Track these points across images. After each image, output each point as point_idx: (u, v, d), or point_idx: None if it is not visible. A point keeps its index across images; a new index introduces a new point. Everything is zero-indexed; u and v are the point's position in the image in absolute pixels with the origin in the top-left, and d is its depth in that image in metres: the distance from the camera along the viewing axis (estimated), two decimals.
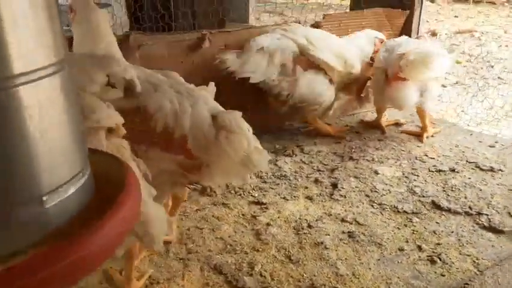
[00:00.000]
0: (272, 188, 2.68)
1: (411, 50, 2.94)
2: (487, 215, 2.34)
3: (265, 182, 2.74)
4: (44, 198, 0.88)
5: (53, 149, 0.90)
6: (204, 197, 2.58)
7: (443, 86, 6.04)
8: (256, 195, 2.60)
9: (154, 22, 3.99)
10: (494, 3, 12.49)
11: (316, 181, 2.74)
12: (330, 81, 3.12)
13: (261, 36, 3.11)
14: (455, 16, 10.47)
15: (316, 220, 2.36)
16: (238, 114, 1.85)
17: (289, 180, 2.76)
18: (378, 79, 3.14)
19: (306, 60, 3.06)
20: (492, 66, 7.08)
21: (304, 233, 2.25)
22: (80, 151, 1.00)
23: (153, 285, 1.92)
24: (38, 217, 0.89)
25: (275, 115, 3.44)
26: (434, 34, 8.68)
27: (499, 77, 6.40)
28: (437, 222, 2.32)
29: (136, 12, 4.17)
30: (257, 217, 2.39)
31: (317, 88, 3.08)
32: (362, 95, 3.71)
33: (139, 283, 1.92)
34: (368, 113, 3.78)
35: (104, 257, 0.95)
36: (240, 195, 2.60)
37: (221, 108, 1.93)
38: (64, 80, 0.93)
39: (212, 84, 2.10)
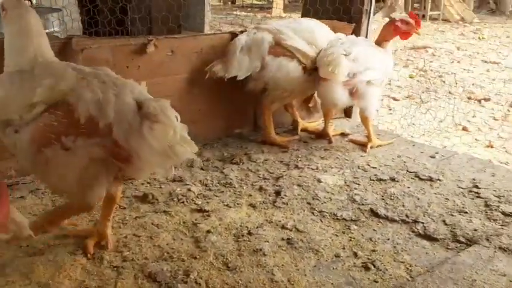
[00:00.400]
0: (216, 196, 2.66)
1: (327, 50, 3.06)
2: (423, 223, 2.40)
3: (210, 190, 2.73)
4: None
5: None
6: (145, 205, 2.54)
7: (395, 99, 6.24)
8: (199, 202, 2.58)
9: (112, 26, 3.93)
10: (449, 21, 13.01)
11: (260, 189, 2.75)
12: (304, 69, 3.18)
13: (240, 35, 3.22)
14: None
15: (257, 227, 2.36)
16: (165, 102, 1.84)
17: (234, 187, 2.76)
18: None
19: (281, 49, 3.16)
20: (444, 81, 7.35)
21: (244, 240, 2.25)
22: None
23: None
24: None
25: (224, 122, 3.44)
26: None
27: (449, 92, 6.65)
28: (374, 230, 2.36)
29: (94, 15, 4.11)
30: (198, 224, 2.37)
31: (287, 72, 3.15)
32: (310, 104, 3.77)
33: None
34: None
35: None
36: (183, 202, 2.58)
37: (149, 96, 1.92)
38: None
39: (143, 83, 2.10)
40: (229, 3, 14.51)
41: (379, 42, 3.29)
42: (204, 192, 2.69)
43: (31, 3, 3.82)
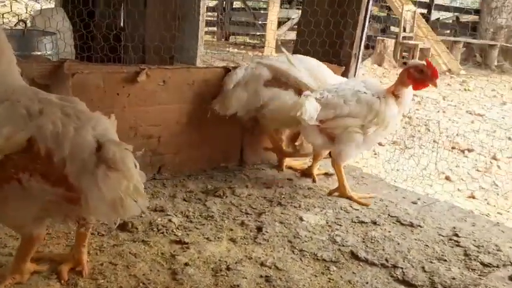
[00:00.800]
0: (197, 228, 2.64)
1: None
2: (402, 268, 2.40)
3: (191, 222, 2.70)
4: None
5: None
6: (124, 233, 2.51)
7: (380, 144, 6.31)
8: (179, 234, 2.55)
9: (104, 53, 3.97)
10: None
11: (242, 224, 2.73)
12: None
13: (236, 69, 3.28)
14: None
15: (236, 263, 2.33)
16: (126, 147, 1.75)
17: (216, 221, 2.74)
18: None
19: (276, 81, 3.22)
20: (428, 130, 7.47)
21: (222, 275, 2.22)
22: None
23: None
24: None
25: (210, 155, 3.45)
26: None
27: (434, 140, 6.75)
28: (353, 272, 2.35)
29: (88, 41, 4.15)
30: (176, 256, 2.33)
31: (281, 98, 3.19)
32: (296, 143, 3.80)
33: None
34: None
35: None
36: (163, 233, 2.55)
37: (112, 137, 1.83)
38: None
39: (113, 116, 2.02)
40: (223, 39, 14.73)
41: (393, 90, 3.04)
42: (184, 223, 2.67)
43: (25, 25, 3.86)
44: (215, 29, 15.20)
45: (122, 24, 4.97)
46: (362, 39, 3.99)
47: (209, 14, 15.73)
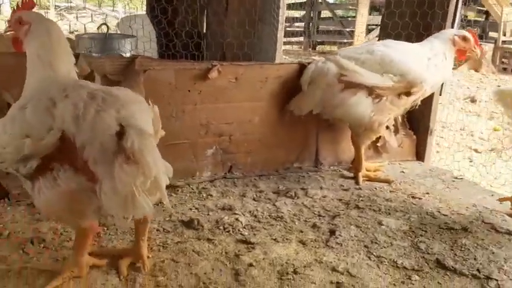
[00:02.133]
0: (265, 228, 2.49)
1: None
2: (497, 280, 2.06)
3: (259, 222, 2.56)
4: None
5: None
6: (189, 230, 2.42)
7: (477, 151, 5.78)
8: (246, 233, 2.41)
9: (187, 50, 4.00)
10: None
11: (314, 226, 2.54)
12: (376, 98, 2.95)
13: (308, 65, 3.10)
14: (498, 86, 10.22)
15: (304, 266, 2.14)
16: (148, 138, 1.58)
17: (285, 222, 2.57)
18: None
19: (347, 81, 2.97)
20: None
21: (288, 279, 2.04)
22: None
23: None
24: None
25: (283, 155, 3.29)
26: (473, 100, 8.45)
27: None
28: (439, 283, 2.06)
29: (172, 38, 4.21)
30: (240, 256, 2.19)
31: (351, 107, 2.96)
32: (378, 144, 3.53)
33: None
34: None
35: None
36: (229, 232, 2.42)
37: (137, 123, 1.63)
38: None
39: (155, 108, 1.87)
40: (310, 49, 14.57)
41: None
42: (252, 223, 2.52)
43: (107, 28, 3.98)
44: (302, 39, 15.09)
45: (202, 30, 5.04)
46: None
47: (296, 24, 15.70)
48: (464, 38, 3.08)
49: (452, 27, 3.50)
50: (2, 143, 1.66)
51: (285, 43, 13.18)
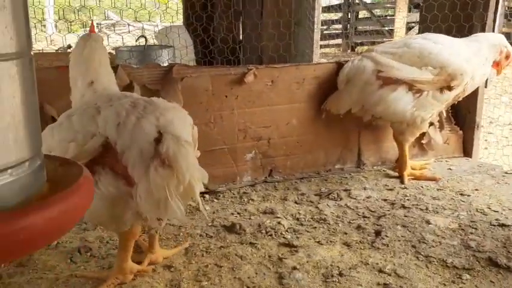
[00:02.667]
0: (308, 231, 2.45)
1: None
2: None
3: (301, 225, 2.52)
4: None
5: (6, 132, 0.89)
6: (231, 235, 2.41)
7: None
8: (288, 237, 2.38)
9: (224, 55, 4.04)
10: None
11: (358, 227, 2.48)
12: (417, 92, 2.86)
13: (345, 64, 3.06)
14: None
15: (350, 268, 2.09)
16: (186, 144, 1.63)
17: (329, 224, 2.52)
18: None
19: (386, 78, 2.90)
20: None
21: (333, 281, 2.00)
22: (32, 140, 0.96)
23: None
24: None
25: (324, 157, 3.25)
26: None
27: None
28: (491, 281, 1.96)
29: (208, 45, 4.26)
30: (284, 260, 2.16)
31: (391, 103, 2.88)
32: (423, 141, 3.43)
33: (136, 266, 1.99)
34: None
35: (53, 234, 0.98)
36: (271, 235, 2.40)
37: (174, 129, 1.68)
38: (23, 68, 0.92)
39: (195, 128, 1.90)
40: (349, 51, 14.38)
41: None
42: (294, 226, 2.49)
43: (146, 40, 4.06)
44: (340, 41, 14.91)
45: (238, 36, 5.07)
46: (496, 22, 3.50)
47: (334, 26, 15.54)
48: (508, 56, 2.99)
49: (495, 17, 3.37)
50: (49, 147, 1.73)
51: (323, 46, 13.07)
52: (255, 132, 3.05)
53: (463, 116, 3.54)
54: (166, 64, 3.92)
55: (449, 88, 2.86)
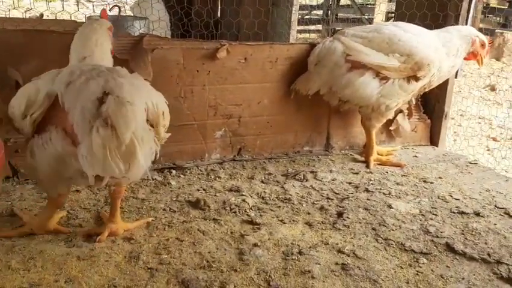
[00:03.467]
0: (272, 210, 2.46)
1: None
2: (508, 264, 2.01)
3: (266, 203, 2.53)
4: None
5: None
6: (195, 210, 2.41)
7: (495, 139, 5.65)
8: (252, 214, 2.39)
9: (198, 29, 3.98)
10: None
11: (321, 208, 2.50)
12: (383, 79, 2.88)
13: (317, 45, 3.05)
14: None
15: (310, 247, 2.11)
16: (131, 106, 1.65)
17: (293, 204, 2.54)
18: None
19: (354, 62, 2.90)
20: None
21: (292, 259, 2.01)
22: None
23: None
24: None
25: (293, 138, 3.25)
26: (493, 89, 8.27)
27: None
28: (447, 266, 2.01)
29: (182, 18, 4.19)
30: (245, 236, 2.17)
31: (359, 87, 2.89)
32: (391, 127, 3.47)
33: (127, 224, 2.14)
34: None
35: None
36: (235, 212, 2.40)
37: (121, 92, 1.69)
38: None
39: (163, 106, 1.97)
40: (328, 37, 14.37)
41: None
42: (259, 205, 2.50)
43: (119, 10, 3.96)
44: (320, 27, 14.87)
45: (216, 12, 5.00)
46: (470, 12, 3.54)
47: (315, 12, 15.48)
48: (483, 44, 3.00)
49: (469, 6, 3.40)
50: (13, 103, 1.86)
51: (303, 31, 13.02)
52: (226, 109, 3.03)
53: (432, 105, 3.59)
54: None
55: (416, 79, 2.89)
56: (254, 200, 2.54)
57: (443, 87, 3.41)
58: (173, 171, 2.87)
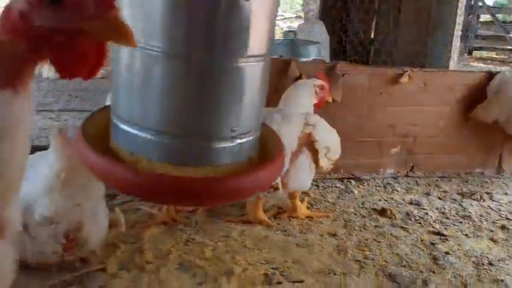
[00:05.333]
0: (454, 225, 2.67)
1: None
2: None
3: (447, 218, 2.75)
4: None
5: (251, 107, 1.49)
6: (383, 218, 2.70)
7: None
8: (437, 226, 2.63)
9: (358, 55, 4.30)
10: None
11: (503, 227, 2.66)
12: None
13: (497, 75, 3.19)
14: None
15: (499, 260, 2.29)
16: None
17: (474, 221, 2.72)
18: None
19: None
20: None
21: (484, 269, 2.22)
22: (258, 115, 1.57)
23: (330, 274, 2.10)
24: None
25: (465, 160, 3.41)
26: None
27: None
28: None
29: (344, 44, 4.53)
30: (436, 245, 2.42)
31: None
32: None
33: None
34: None
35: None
36: (420, 223, 2.66)
37: None
38: (265, 65, 1.51)
39: None
40: (465, 54, 13.86)
41: None
42: (441, 219, 2.73)
43: (295, 35, 4.43)
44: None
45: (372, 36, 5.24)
46: None
47: None
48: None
49: None
50: None
51: None
52: (403, 129, 3.30)
53: None
54: (312, 57, 4.25)
55: None
56: (435, 214, 2.77)
57: None
58: (353, 181, 3.20)
